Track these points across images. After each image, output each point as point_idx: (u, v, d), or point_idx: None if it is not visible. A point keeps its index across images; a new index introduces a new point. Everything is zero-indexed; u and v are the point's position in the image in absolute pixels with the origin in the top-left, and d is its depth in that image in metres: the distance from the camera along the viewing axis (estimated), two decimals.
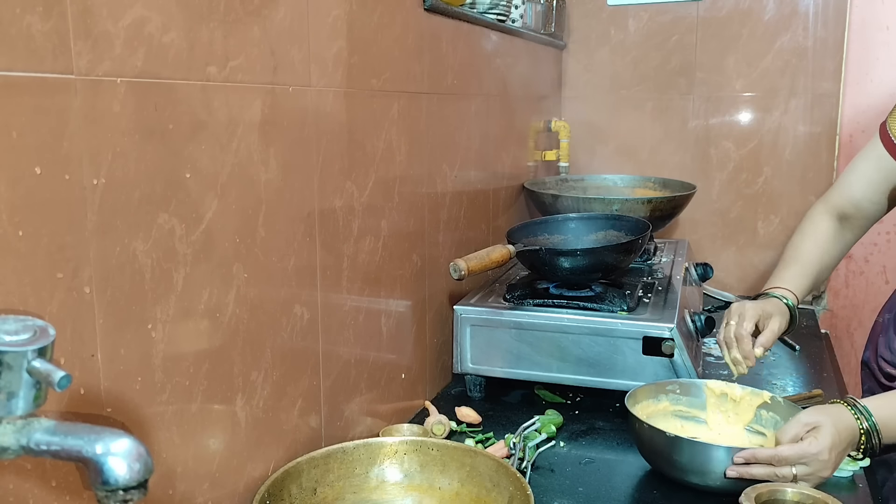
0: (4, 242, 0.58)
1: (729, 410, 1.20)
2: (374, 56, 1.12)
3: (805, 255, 1.36)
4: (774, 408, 1.17)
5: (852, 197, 1.36)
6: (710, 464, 1.02)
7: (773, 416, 1.17)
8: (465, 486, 0.99)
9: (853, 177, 1.36)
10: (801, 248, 1.37)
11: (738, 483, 1.00)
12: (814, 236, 1.37)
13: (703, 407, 1.22)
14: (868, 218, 1.37)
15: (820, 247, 1.36)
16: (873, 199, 1.34)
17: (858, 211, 1.36)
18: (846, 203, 1.37)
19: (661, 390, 1.21)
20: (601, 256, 1.37)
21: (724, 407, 1.20)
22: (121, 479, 0.49)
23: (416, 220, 1.31)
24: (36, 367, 0.49)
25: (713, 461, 1.01)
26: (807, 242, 1.37)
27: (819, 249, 1.36)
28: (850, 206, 1.37)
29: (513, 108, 1.83)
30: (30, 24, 0.59)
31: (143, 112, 0.71)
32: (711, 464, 1.02)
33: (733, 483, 1.01)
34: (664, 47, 2.18)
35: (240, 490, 0.89)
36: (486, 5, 1.59)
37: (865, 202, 1.35)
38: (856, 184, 1.36)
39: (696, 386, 1.22)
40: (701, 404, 1.22)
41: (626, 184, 2.09)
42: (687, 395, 1.22)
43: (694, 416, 1.21)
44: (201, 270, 0.80)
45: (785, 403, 1.16)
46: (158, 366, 0.75)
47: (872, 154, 1.33)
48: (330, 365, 1.07)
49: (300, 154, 0.96)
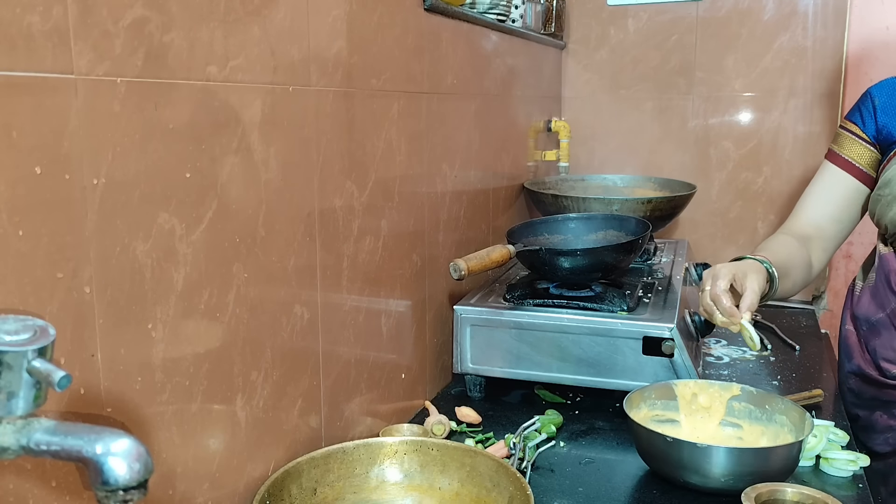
0: (4, 242, 0.58)
1: (700, 409, 1.20)
2: (374, 56, 1.12)
3: (772, 248, 1.38)
4: (745, 398, 1.18)
5: (812, 219, 1.43)
6: (710, 465, 1.02)
7: (746, 405, 1.18)
8: (465, 486, 0.99)
9: (812, 200, 1.45)
10: (767, 245, 1.41)
11: (736, 483, 1.00)
12: (776, 239, 1.43)
13: (676, 409, 1.20)
14: (830, 238, 1.43)
15: (785, 247, 1.38)
16: (834, 216, 1.42)
17: (820, 231, 1.43)
18: (805, 226, 1.44)
19: (641, 397, 1.19)
20: (601, 256, 1.37)
21: (696, 405, 1.20)
22: (121, 479, 0.49)
23: (416, 220, 1.31)
24: (36, 367, 0.49)
25: (712, 463, 1.01)
26: (771, 243, 1.41)
27: (785, 248, 1.38)
28: (811, 227, 1.43)
29: (513, 108, 1.83)
30: (30, 24, 0.59)
31: (143, 112, 0.71)
32: (710, 465, 1.02)
33: (733, 483, 1.01)
34: (664, 47, 2.19)
35: (240, 490, 0.89)
36: (486, 5, 1.59)
37: (826, 221, 1.42)
38: (814, 207, 1.44)
39: (668, 387, 1.21)
40: (675, 406, 1.20)
41: (626, 184, 2.09)
42: (662, 399, 1.20)
43: (669, 419, 1.20)
44: (201, 270, 0.80)
45: (757, 392, 1.17)
46: (158, 366, 0.75)
47: (828, 178, 1.42)
48: (330, 365, 1.07)
49: (300, 154, 0.96)
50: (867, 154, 1.38)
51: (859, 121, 1.39)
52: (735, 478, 1.01)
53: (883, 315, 1.34)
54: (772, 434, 1.15)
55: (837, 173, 1.41)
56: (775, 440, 1.13)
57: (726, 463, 1.01)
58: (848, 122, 1.42)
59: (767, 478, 1.00)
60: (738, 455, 1.02)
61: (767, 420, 1.16)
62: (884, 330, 1.35)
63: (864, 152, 1.38)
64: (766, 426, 1.16)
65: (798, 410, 1.11)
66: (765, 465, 1.01)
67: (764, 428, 1.16)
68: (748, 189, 2.16)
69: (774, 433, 1.14)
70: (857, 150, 1.39)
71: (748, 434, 1.17)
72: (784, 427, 1.13)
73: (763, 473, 1.01)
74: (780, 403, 1.15)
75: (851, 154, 1.40)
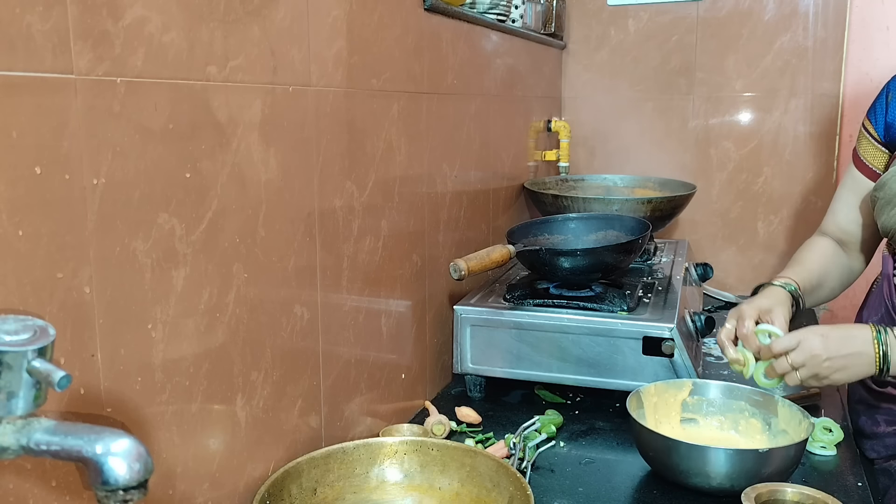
0: (4, 242, 0.58)
1: (660, 410, 1.20)
2: (374, 56, 1.12)
3: (806, 259, 1.35)
4: (698, 391, 1.21)
5: (839, 223, 1.39)
6: (709, 466, 1.02)
7: (699, 398, 1.21)
8: (465, 486, 0.99)
9: (837, 205, 1.40)
10: (801, 255, 1.38)
11: (737, 483, 1.00)
12: (812, 246, 1.39)
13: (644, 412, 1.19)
14: (864, 241, 1.38)
15: (821, 255, 1.36)
16: (859, 220, 1.36)
17: (849, 236, 1.38)
18: (835, 230, 1.40)
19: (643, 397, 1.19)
20: (601, 256, 1.37)
21: (655, 407, 1.20)
22: (121, 479, 0.49)
23: (416, 220, 1.31)
24: (36, 367, 0.49)
25: (711, 463, 1.01)
26: (805, 251, 1.38)
27: (820, 257, 1.35)
28: (840, 231, 1.39)
29: (513, 108, 1.83)
30: (30, 24, 0.59)
31: (143, 112, 0.71)
32: (710, 465, 1.02)
33: (733, 483, 1.01)
34: (664, 47, 2.19)
35: (240, 490, 0.89)
36: (486, 5, 1.59)
37: (853, 226, 1.37)
38: (840, 211, 1.39)
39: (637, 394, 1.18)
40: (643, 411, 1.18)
41: (626, 184, 2.09)
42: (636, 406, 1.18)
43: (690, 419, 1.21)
44: (201, 270, 0.80)
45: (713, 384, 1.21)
46: (158, 366, 0.75)
47: (852, 182, 1.36)
48: (330, 365, 1.07)
49: (300, 154, 0.96)
50: (879, 156, 1.30)
51: (873, 117, 1.30)
52: (735, 478, 1.01)
53: (877, 319, 1.32)
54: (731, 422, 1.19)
55: (857, 176, 1.34)
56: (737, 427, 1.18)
57: (727, 464, 1.01)
58: (866, 119, 1.32)
59: (769, 478, 1.00)
60: (739, 456, 1.02)
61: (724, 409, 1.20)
62: None
63: (876, 154, 1.31)
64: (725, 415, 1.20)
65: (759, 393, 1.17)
66: (766, 466, 1.01)
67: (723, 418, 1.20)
68: (748, 189, 2.16)
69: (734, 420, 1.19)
70: (871, 152, 1.31)
71: (704, 427, 1.20)
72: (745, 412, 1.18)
73: (764, 474, 1.01)
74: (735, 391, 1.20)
75: (867, 156, 1.32)
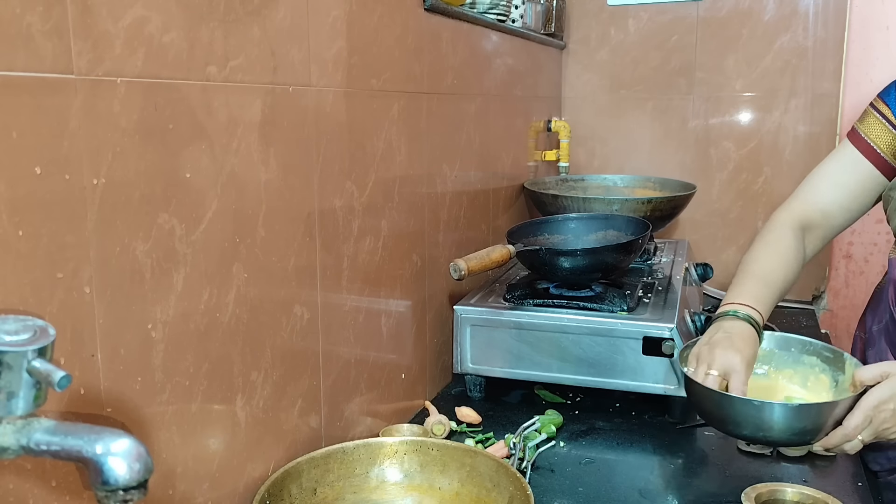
0: (4, 242, 0.58)
1: None
2: (374, 56, 1.12)
3: (770, 272, 1.21)
4: (771, 343, 1.19)
5: (820, 203, 1.28)
6: (764, 420, 0.99)
7: (772, 350, 1.18)
8: (465, 486, 0.99)
9: (823, 182, 1.28)
10: (765, 263, 1.23)
11: (790, 438, 0.99)
12: (778, 252, 1.24)
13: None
14: (833, 228, 1.29)
15: (784, 265, 1.22)
16: (843, 204, 1.27)
17: (825, 219, 1.28)
18: (813, 211, 1.28)
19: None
20: (601, 256, 1.37)
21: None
22: (121, 479, 0.49)
23: (416, 220, 1.31)
24: (36, 367, 0.49)
25: (766, 417, 0.99)
26: (771, 257, 1.24)
27: (784, 268, 1.22)
28: (818, 213, 1.28)
29: (513, 108, 1.83)
30: (30, 24, 0.59)
31: (143, 112, 0.71)
32: (764, 419, 0.99)
33: (792, 438, 0.99)
34: (664, 47, 2.19)
35: (240, 490, 0.89)
36: (486, 5, 1.59)
37: (835, 208, 1.27)
38: (826, 189, 1.28)
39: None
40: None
41: (626, 184, 2.09)
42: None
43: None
44: (201, 270, 0.80)
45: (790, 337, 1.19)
46: (158, 366, 0.75)
47: (844, 160, 1.26)
48: (330, 365, 1.07)
49: (300, 154, 0.96)
50: (886, 137, 1.22)
51: (891, 99, 1.22)
52: (798, 434, 0.99)
53: (878, 328, 1.29)
54: (800, 376, 1.15)
55: (855, 156, 1.24)
56: (805, 382, 1.14)
57: (781, 417, 0.98)
58: (878, 100, 1.24)
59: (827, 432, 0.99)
60: (803, 411, 0.99)
61: (795, 363, 1.17)
62: (878, 341, 1.29)
63: (887, 137, 1.22)
64: (795, 368, 1.17)
65: (830, 350, 1.13)
66: (829, 419, 0.98)
67: (793, 371, 1.17)
68: (748, 189, 2.16)
69: (804, 375, 1.15)
70: (881, 135, 1.22)
71: (772, 378, 1.17)
72: (815, 368, 1.14)
73: (827, 427, 0.99)
74: (808, 345, 1.16)
75: (872, 136, 1.23)
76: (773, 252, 1.24)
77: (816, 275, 2.11)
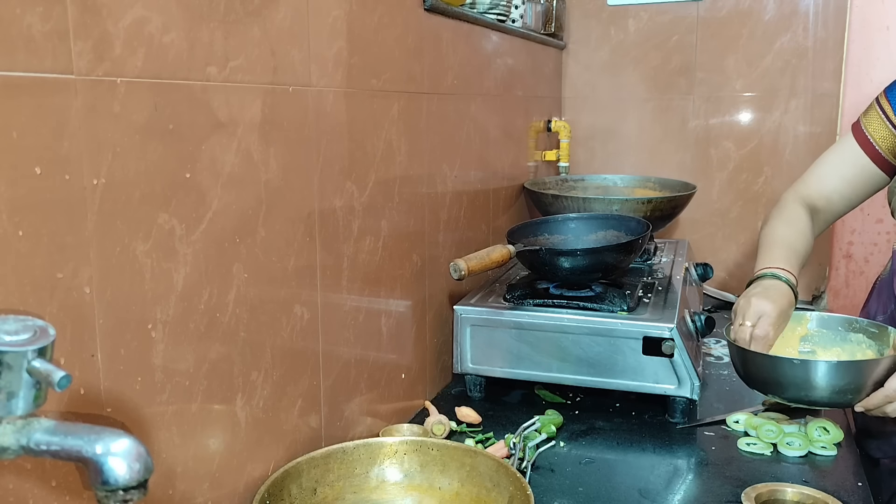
0: (4, 242, 0.58)
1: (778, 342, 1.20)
2: (374, 56, 1.12)
3: (793, 242, 1.28)
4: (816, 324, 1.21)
5: (823, 190, 1.34)
6: (806, 378, 1.00)
7: (818, 330, 1.20)
8: (465, 486, 0.99)
9: (826, 171, 1.34)
10: (786, 235, 1.30)
11: (831, 397, 1.00)
12: (795, 226, 1.31)
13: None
14: (834, 213, 1.36)
15: (803, 236, 1.30)
16: (844, 194, 1.33)
17: (828, 205, 1.34)
18: (817, 196, 1.35)
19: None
20: (601, 256, 1.37)
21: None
22: (121, 479, 0.49)
23: (416, 220, 1.31)
24: (36, 367, 0.49)
25: (807, 376, 1.00)
26: (791, 229, 1.30)
27: (803, 239, 1.29)
28: (822, 199, 1.34)
29: (513, 108, 1.83)
30: (30, 24, 0.59)
31: (142, 112, 0.71)
32: (806, 378, 1.00)
33: (833, 398, 1.01)
34: (664, 47, 2.19)
35: (240, 490, 0.89)
36: (486, 5, 1.59)
37: (836, 196, 1.33)
38: (828, 178, 1.34)
39: None
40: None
41: (626, 184, 2.09)
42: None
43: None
44: (201, 270, 0.80)
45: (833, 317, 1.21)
46: (158, 366, 0.75)
47: (846, 152, 1.31)
48: (330, 365, 1.07)
49: (300, 154, 0.96)
50: (891, 139, 1.25)
51: (894, 97, 1.25)
52: (839, 393, 1.00)
53: (883, 318, 1.32)
54: (848, 354, 1.17)
55: (856, 151, 1.29)
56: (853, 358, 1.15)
57: (829, 376, 0.99)
58: (882, 97, 1.27)
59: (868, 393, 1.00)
60: (844, 368, 1.00)
61: (842, 341, 1.18)
62: None
63: (887, 136, 1.25)
64: (842, 346, 1.18)
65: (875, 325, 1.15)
66: (870, 379, 0.99)
67: (840, 350, 1.18)
68: (748, 189, 2.16)
69: (851, 352, 1.17)
70: (880, 131, 1.26)
71: (822, 357, 1.19)
72: (862, 345, 1.15)
73: (867, 388, 1.00)
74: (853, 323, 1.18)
75: (873, 133, 1.27)
76: (792, 225, 1.31)
77: (816, 275, 2.11)
